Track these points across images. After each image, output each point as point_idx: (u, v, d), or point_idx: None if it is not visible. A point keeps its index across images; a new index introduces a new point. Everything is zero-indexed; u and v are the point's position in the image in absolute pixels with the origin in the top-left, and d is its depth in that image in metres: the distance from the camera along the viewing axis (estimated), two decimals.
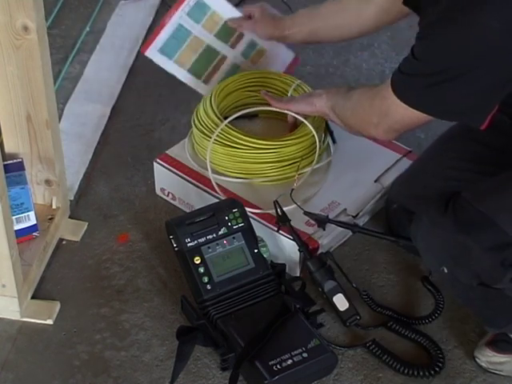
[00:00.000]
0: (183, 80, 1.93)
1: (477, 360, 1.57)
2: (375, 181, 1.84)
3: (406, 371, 1.54)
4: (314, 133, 1.80)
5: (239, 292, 1.60)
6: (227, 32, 1.94)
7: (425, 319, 1.63)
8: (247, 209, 1.69)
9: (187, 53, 1.92)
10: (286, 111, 1.81)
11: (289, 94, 1.92)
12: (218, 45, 1.94)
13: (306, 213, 1.70)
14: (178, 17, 1.90)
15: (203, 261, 1.60)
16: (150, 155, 1.97)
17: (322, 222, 1.70)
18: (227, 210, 1.66)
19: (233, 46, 1.95)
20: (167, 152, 1.88)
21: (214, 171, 1.81)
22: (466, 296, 1.53)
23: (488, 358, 1.56)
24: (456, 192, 1.45)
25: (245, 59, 1.96)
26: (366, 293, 1.66)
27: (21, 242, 1.64)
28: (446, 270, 1.49)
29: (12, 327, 1.62)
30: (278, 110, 1.85)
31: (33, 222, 1.70)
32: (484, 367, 1.56)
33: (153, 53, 1.92)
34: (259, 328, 1.53)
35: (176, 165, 1.85)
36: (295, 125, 1.83)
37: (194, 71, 1.93)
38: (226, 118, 1.83)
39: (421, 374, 1.53)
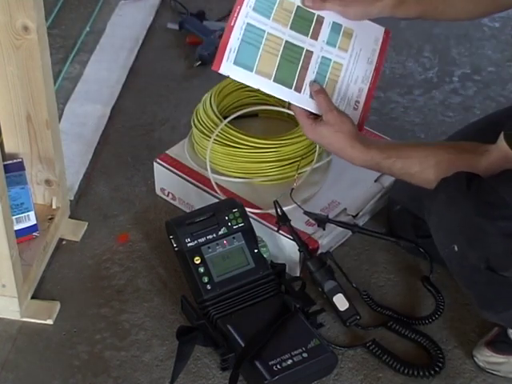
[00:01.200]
0: (273, 94, 1.56)
1: (475, 359, 1.57)
2: (375, 181, 1.84)
3: (406, 371, 1.54)
4: None
5: (239, 292, 1.60)
6: (304, 20, 1.58)
7: (425, 319, 1.63)
8: (247, 209, 1.69)
9: (267, 57, 1.55)
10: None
11: None
12: (298, 39, 1.57)
13: (305, 212, 1.70)
14: (244, 15, 1.54)
15: (203, 261, 1.60)
16: (150, 155, 1.97)
17: (321, 221, 1.70)
18: (227, 210, 1.66)
19: (315, 37, 1.58)
20: (167, 152, 1.88)
21: (214, 171, 1.81)
22: (470, 278, 1.50)
23: (486, 357, 1.56)
24: (477, 175, 1.40)
25: (333, 48, 1.58)
26: (365, 293, 1.66)
27: (21, 241, 1.64)
28: (456, 249, 1.46)
29: (12, 327, 1.62)
30: (277, 109, 1.85)
31: (33, 222, 1.70)
32: (481, 367, 1.56)
33: (228, 68, 1.53)
34: (259, 328, 1.53)
35: (176, 165, 1.85)
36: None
37: (282, 79, 1.55)
38: (225, 118, 1.83)
39: (421, 373, 1.53)
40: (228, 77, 1.54)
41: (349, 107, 1.57)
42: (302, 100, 1.55)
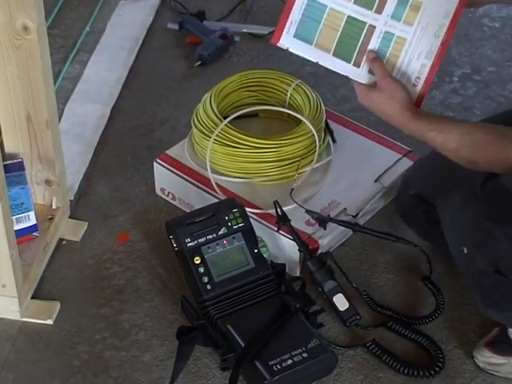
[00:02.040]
0: (331, 68, 1.56)
1: (475, 360, 1.57)
2: (375, 181, 1.84)
3: (406, 371, 1.54)
4: (314, 132, 1.80)
5: (239, 292, 1.60)
6: None
7: (425, 319, 1.63)
8: (247, 209, 1.69)
9: (327, 32, 1.54)
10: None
11: (288, 94, 1.92)
12: (361, 13, 1.54)
13: (307, 211, 1.70)
14: None
15: (203, 261, 1.60)
16: (150, 155, 1.97)
17: (323, 220, 1.70)
18: (227, 210, 1.66)
19: (379, 11, 1.54)
20: (167, 152, 1.88)
21: (214, 171, 1.81)
22: (478, 279, 1.50)
23: (486, 358, 1.56)
24: (494, 175, 1.41)
25: (397, 22, 1.54)
26: (365, 293, 1.66)
27: (21, 241, 1.64)
28: (465, 251, 1.46)
29: (12, 327, 1.62)
30: (277, 109, 1.85)
31: (33, 222, 1.70)
32: (481, 367, 1.56)
33: (288, 40, 1.55)
34: (259, 328, 1.53)
35: (176, 165, 1.85)
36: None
37: (341, 53, 1.55)
38: (225, 118, 1.83)
39: (421, 373, 1.53)
40: (287, 50, 1.54)
41: (408, 83, 1.54)
42: (360, 75, 1.54)
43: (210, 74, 2.28)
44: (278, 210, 1.68)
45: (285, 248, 1.70)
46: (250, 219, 1.67)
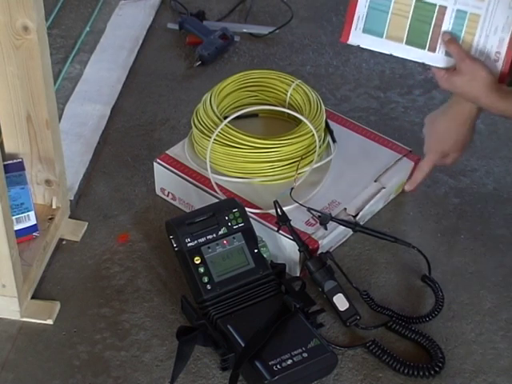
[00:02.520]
0: (406, 57, 1.54)
1: None
2: (375, 181, 1.84)
3: (406, 371, 1.54)
4: (314, 132, 1.80)
5: (239, 292, 1.60)
6: None
7: (425, 317, 1.63)
8: (247, 209, 1.69)
9: (397, 21, 1.52)
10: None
11: (288, 94, 1.92)
12: None
13: (309, 209, 1.70)
14: None
15: (203, 261, 1.60)
16: (150, 155, 1.97)
17: (324, 219, 1.70)
18: (227, 210, 1.66)
19: None
20: (167, 152, 1.88)
21: (214, 171, 1.81)
22: None
23: None
24: None
25: None
26: (365, 292, 1.66)
27: (21, 241, 1.64)
28: None
29: (12, 327, 1.62)
30: (277, 109, 1.85)
31: (33, 222, 1.70)
32: None
33: (358, 37, 1.54)
34: (259, 328, 1.53)
35: (176, 165, 1.85)
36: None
37: (414, 40, 1.53)
38: (225, 118, 1.83)
39: (421, 374, 1.53)
40: (358, 46, 1.53)
41: (488, 60, 1.51)
42: (437, 59, 1.52)
43: (210, 74, 2.28)
44: (278, 209, 1.68)
45: (285, 248, 1.70)
46: (250, 219, 1.67)
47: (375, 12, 1.52)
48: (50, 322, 1.62)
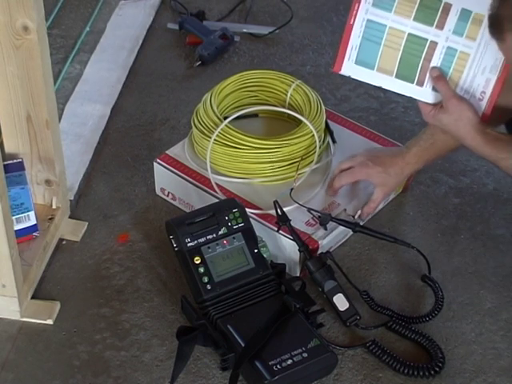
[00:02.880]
0: (395, 90, 1.58)
1: None
2: None
3: (406, 371, 1.54)
4: (314, 132, 1.80)
5: (239, 292, 1.60)
6: (429, 9, 1.52)
7: (425, 317, 1.63)
8: (247, 209, 1.69)
9: (388, 53, 1.55)
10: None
11: (288, 94, 1.92)
12: (422, 30, 1.53)
13: (309, 210, 1.70)
14: (364, 12, 1.53)
15: (203, 261, 1.60)
16: (150, 155, 1.97)
17: (324, 219, 1.70)
18: (227, 210, 1.66)
19: (440, 26, 1.52)
20: (167, 152, 1.88)
21: (214, 171, 1.81)
22: None
23: None
24: None
25: (459, 37, 1.52)
26: (365, 292, 1.66)
27: (21, 242, 1.64)
28: None
29: (12, 327, 1.62)
30: (277, 109, 1.85)
31: (33, 222, 1.70)
32: None
33: (350, 68, 1.56)
34: (259, 328, 1.53)
35: (176, 165, 1.85)
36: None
37: (404, 74, 1.55)
38: (225, 118, 1.83)
39: (421, 374, 1.53)
40: (349, 77, 1.55)
41: (473, 98, 1.52)
42: (424, 94, 1.54)
43: (210, 74, 2.28)
44: (278, 210, 1.68)
45: (285, 248, 1.70)
46: (250, 219, 1.67)
47: (368, 43, 1.54)
48: (50, 322, 1.62)
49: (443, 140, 1.65)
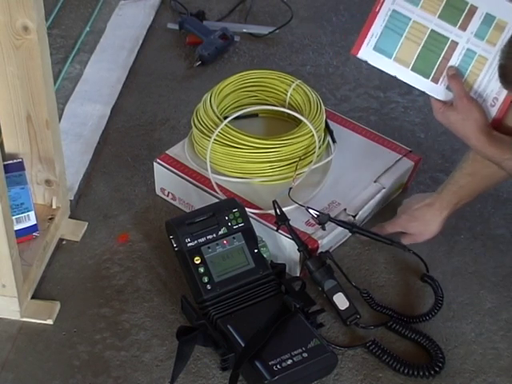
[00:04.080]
0: (409, 82, 1.58)
1: None
2: (375, 181, 1.84)
3: (405, 371, 1.54)
4: (314, 132, 1.80)
5: (239, 292, 1.60)
6: (454, 9, 1.54)
7: (425, 316, 1.63)
8: (247, 209, 1.69)
9: (408, 45, 1.56)
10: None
11: (288, 94, 1.92)
12: (445, 28, 1.54)
13: (307, 208, 1.70)
14: (391, 2, 1.55)
15: (203, 261, 1.60)
16: (150, 155, 1.97)
17: (323, 219, 1.70)
18: (227, 210, 1.66)
19: (463, 27, 1.53)
20: (167, 152, 1.88)
21: (214, 171, 1.81)
22: None
23: None
24: None
25: (480, 41, 1.53)
26: (366, 291, 1.66)
27: (21, 241, 1.64)
28: None
29: (12, 327, 1.62)
30: (277, 109, 1.85)
31: (33, 222, 1.70)
32: None
33: (368, 53, 1.58)
34: (259, 328, 1.53)
35: (176, 165, 1.85)
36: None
37: (420, 68, 1.56)
38: (225, 118, 1.83)
39: (421, 373, 1.53)
40: (366, 62, 1.56)
41: (485, 103, 1.53)
42: (437, 91, 1.55)
43: (210, 74, 2.28)
44: (277, 209, 1.68)
45: (285, 248, 1.70)
46: (250, 219, 1.67)
47: (390, 32, 1.55)
48: (50, 322, 1.62)
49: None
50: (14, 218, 1.61)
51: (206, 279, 1.59)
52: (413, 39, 1.55)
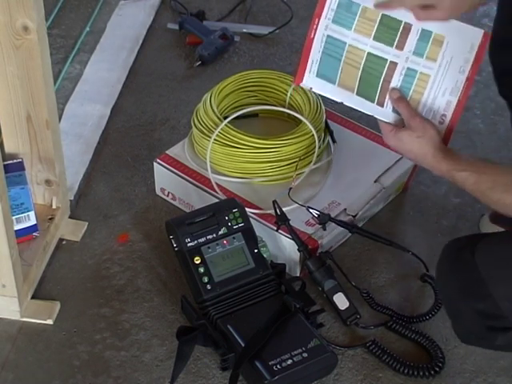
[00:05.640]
0: (356, 108, 1.53)
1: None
2: (375, 181, 1.84)
3: (405, 371, 1.54)
4: (314, 132, 1.80)
5: (239, 292, 1.60)
6: (389, 29, 1.49)
7: (425, 315, 1.63)
8: (247, 209, 1.69)
9: (348, 70, 1.51)
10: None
11: (288, 94, 1.92)
12: (381, 49, 1.49)
13: (308, 208, 1.70)
14: (324, 27, 1.51)
15: (203, 261, 1.60)
16: (150, 155, 1.97)
17: (323, 219, 1.70)
18: (227, 210, 1.66)
19: (400, 47, 1.49)
20: (167, 152, 1.88)
21: (214, 171, 1.81)
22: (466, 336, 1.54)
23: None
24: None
25: (420, 58, 1.48)
26: (366, 291, 1.66)
27: (21, 241, 1.64)
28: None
29: (12, 327, 1.62)
30: (277, 109, 1.85)
31: (33, 222, 1.70)
32: None
33: (311, 80, 1.53)
34: (259, 328, 1.53)
35: (176, 165, 1.85)
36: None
37: (364, 93, 1.51)
38: (225, 118, 1.83)
39: (421, 373, 1.53)
40: (310, 89, 1.54)
41: (434, 121, 1.50)
42: (384, 114, 1.51)
43: (210, 74, 2.28)
44: (277, 209, 1.68)
45: (285, 248, 1.70)
46: (250, 219, 1.67)
47: (328, 58, 1.51)
48: (50, 322, 1.62)
49: None
50: (14, 218, 1.61)
51: (205, 279, 1.59)
52: (352, 64, 1.50)
